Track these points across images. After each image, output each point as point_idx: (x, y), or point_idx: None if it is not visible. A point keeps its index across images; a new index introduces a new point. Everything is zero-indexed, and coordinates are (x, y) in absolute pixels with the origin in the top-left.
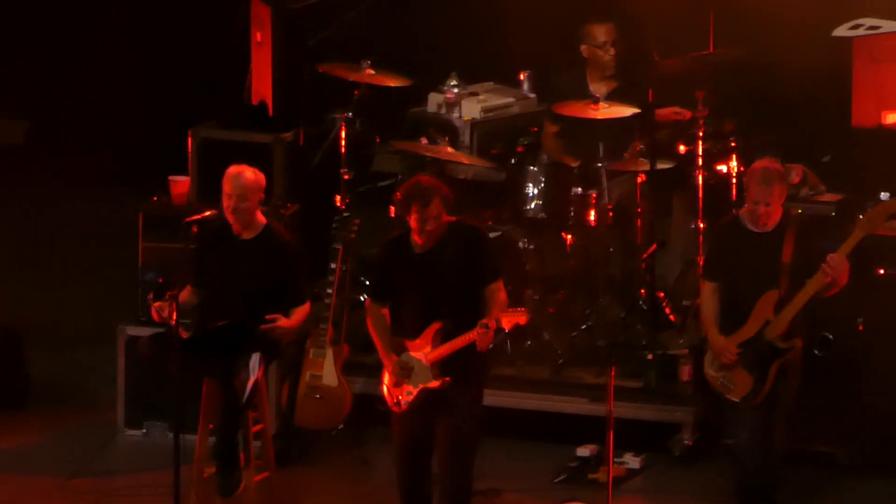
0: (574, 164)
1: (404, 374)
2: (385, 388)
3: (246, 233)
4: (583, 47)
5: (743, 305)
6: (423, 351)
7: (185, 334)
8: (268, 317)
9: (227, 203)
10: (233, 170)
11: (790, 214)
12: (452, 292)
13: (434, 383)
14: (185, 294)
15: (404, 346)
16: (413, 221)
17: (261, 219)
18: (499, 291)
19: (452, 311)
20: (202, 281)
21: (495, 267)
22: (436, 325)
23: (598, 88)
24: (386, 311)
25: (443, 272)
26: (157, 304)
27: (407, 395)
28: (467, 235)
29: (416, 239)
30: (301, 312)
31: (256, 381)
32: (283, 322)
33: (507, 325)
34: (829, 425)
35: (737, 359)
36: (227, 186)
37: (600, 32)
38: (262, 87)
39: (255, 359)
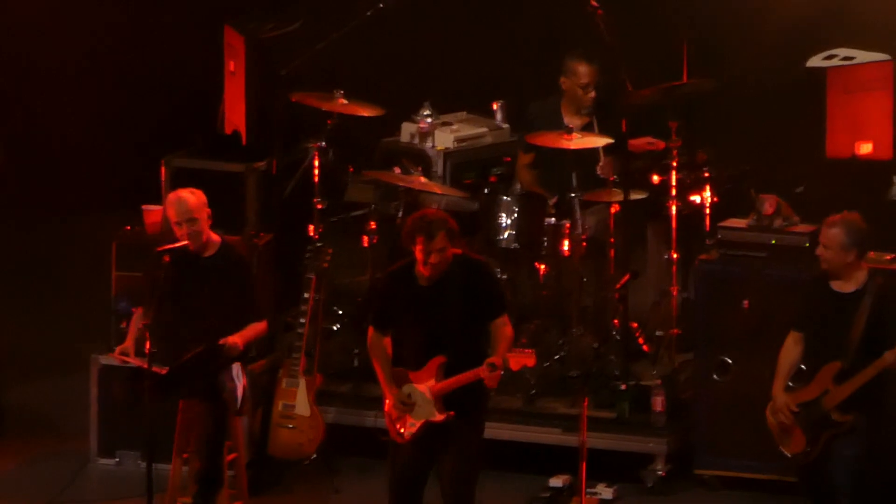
0: (550, 199)
1: (406, 406)
2: (387, 419)
3: (205, 251)
4: (563, 80)
5: (811, 365)
6: (426, 384)
7: (159, 369)
8: (220, 341)
9: (177, 232)
10: (171, 198)
11: (873, 279)
12: (456, 326)
13: (438, 417)
14: (150, 324)
15: (406, 377)
16: (418, 253)
17: (214, 237)
18: (505, 326)
19: (455, 345)
20: (166, 305)
21: (500, 301)
22: (440, 359)
23: (573, 121)
24: (388, 340)
25: (447, 305)
26: (119, 348)
27: (410, 426)
28: (472, 269)
29: (420, 270)
30: (256, 328)
31: (245, 388)
32: (231, 338)
33: (514, 366)
34: None
35: (793, 419)
36: (172, 215)
37: (584, 73)
38: (235, 116)
39: (236, 368)
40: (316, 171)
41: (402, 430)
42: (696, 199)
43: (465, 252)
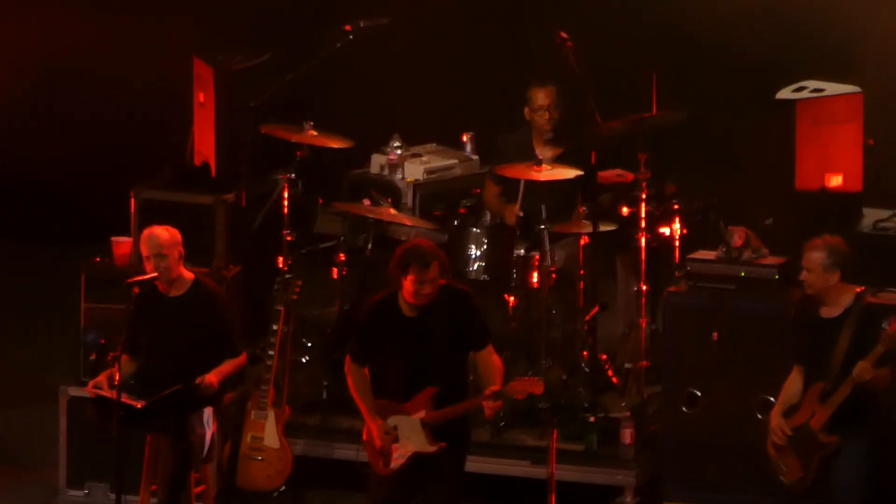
0: (519, 214)
1: (392, 438)
2: (368, 450)
3: (173, 290)
4: (526, 110)
5: (805, 389)
6: (416, 414)
7: (134, 402)
8: (196, 381)
9: (147, 266)
10: (145, 233)
11: (861, 303)
12: (443, 356)
13: (431, 448)
14: (122, 364)
15: (392, 408)
16: (409, 283)
17: (187, 275)
18: (491, 355)
19: (441, 376)
20: (138, 346)
21: (485, 331)
22: (431, 390)
23: (543, 152)
24: (366, 371)
25: (433, 336)
26: (93, 382)
27: (398, 458)
28: (456, 299)
29: (406, 300)
30: (232, 364)
31: (213, 435)
32: (207, 377)
33: (520, 395)
34: (770, 488)
35: (786, 442)
36: (143, 250)
37: (539, 96)
38: (204, 147)
39: (207, 413)
40: (285, 203)
41: (388, 462)
42: (666, 230)
43: (449, 282)
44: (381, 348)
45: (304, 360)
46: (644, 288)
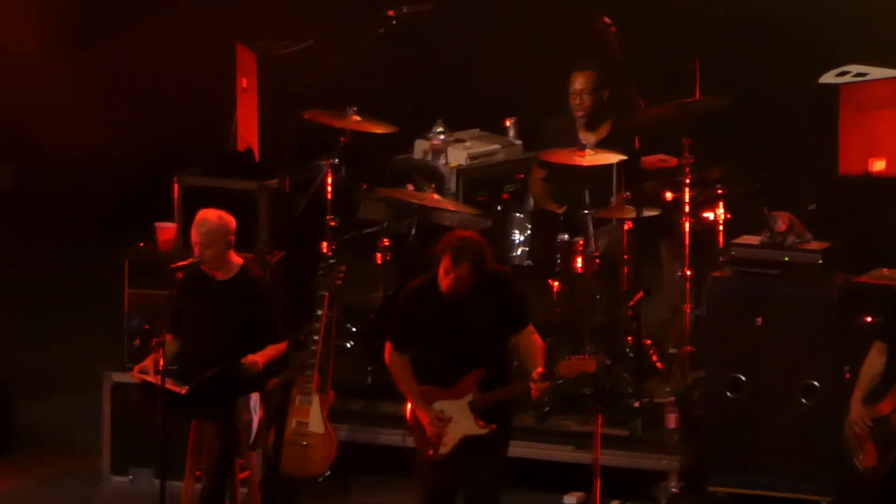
0: (559, 211)
1: (443, 424)
2: (416, 436)
3: (220, 273)
4: (569, 96)
5: (889, 379)
6: (464, 398)
7: (178, 388)
8: (241, 360)
9: (195, 250)
10: (197, 217)
11: None
12: (483, 339)
13: (482, 431)
14: (167, 344)
15: (438, 394)
16: (441, 270)
17: (236, 260)
18: (532, 335)
19: (485, 358)
20: (182, 327)
21: (525, 311)
22: (478, 373)
23: (587, 137)
24: (407, 357)
25: (473, 318)
26: (138, 366)
27: (447, 443)
28: (495, 280)
29: (443, 284)
30: (274, 349)
31: (260, 421)
32: (251, 356)
33: (570, 373)
34: (814, 474)
35: (867, 432)
36: (193, 234)
37: (576, 81)
38: (247, 133)
39: (254, 399)
40: (329, 189)
41: (438, 447)
42: (709, 216)
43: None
44: (421, 333)
45: (348, 346)
46: (688, 273)
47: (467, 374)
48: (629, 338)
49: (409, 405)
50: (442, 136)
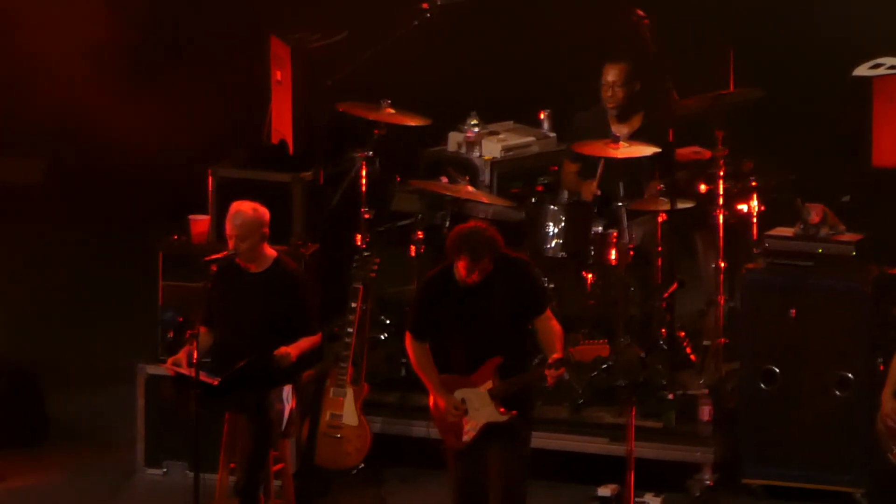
0: (595, 190)
1: (462, 412)
2: (439, 427)
3: (254, 266)
4: (601, 86)
5: None
6: (484, 386)
7: (212, 380)
8: (275, 352)
9: (229, 243)
10: (231, 209)
11: None
12: (503, 326)
13: (503, 418)
14: (200, 336)
15: (458, 382)
16: (461, 267)
17: (270, 252)
18: (550, 321)
19: (503, 345)
20: (216, 319)
21: (543, 297)
22: (497, 360)
23: (619, 129)
24: (427, 346)
25: (491, 306)
26: (171, 360)
27: (469, 431)
28: (511, 266)
29: (461, 274)
30: (308, 342)
31: (292, 411)
32: (284, 348)
33: (587, 357)
34: (848, 466)
35: None
36: (227, 226)
37: (609, 72)
38: (281, 125)
39: (287, 390)
40: (363, 181)
41: (461, 436)
42: (743, 208)
43: (504, 251)
44: (439, 322)
45: (382, 338)
46: (722, 265)
47: (486, 362)
48: (663, 330)
49: (431, 395)
50: (476, 129)
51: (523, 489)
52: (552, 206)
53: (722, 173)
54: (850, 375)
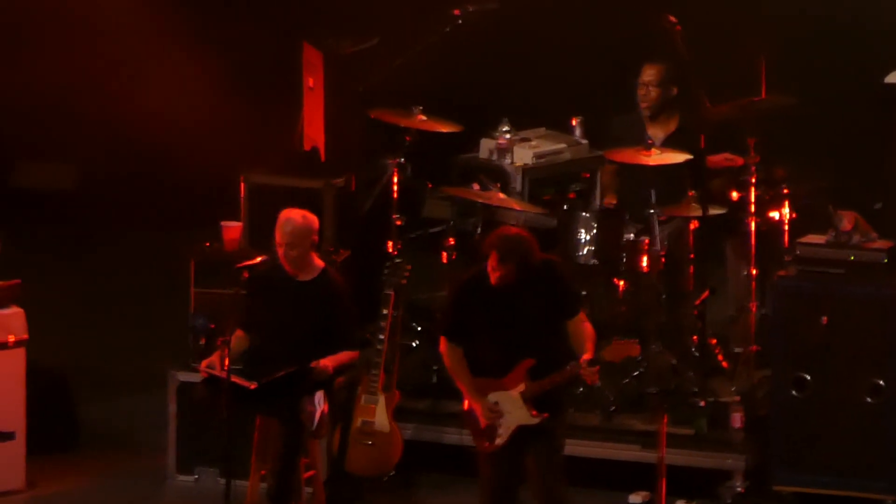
0: (614, 202)
1: (496, 415)
2: (471, 430)
3: (302, 274)
4: (637, 86)
5: None
6: (516, 389)
7: (247, 383)
8: (311, 364)
9: (279, 251)
10: (281, 217)
11: None
12: (536, 328)
13: (535, 419)
14: (235, 340)
15: (491, 385)
16: (489, 266)
17: (318, 262)
18: (583, 322)
19: (535, 347)
20: (256, 324)
21: (576, 299)
22: (528, 362)
23: (655, 131)
24: (461, 350)
25: (524, 308)
26: (205, 362)
27: (501, 434)
28: (545, 269)
29: (492, 277)
30: (347, 355)
31: (323, 413)
32: (322, 361)
33: (617, 357)
34: (879, 472)
35: None
36: (277, 234)
37: (647, 73)
38: (313, 132)
39: (318, 395)
40: (394, 188)
41: (493, 440)
42: (775, 215)
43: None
44: (473, 324)
45: (413, 345)
46: (754, 272)
47: (518, 365)
48: (694, 337)
49: (465, 399)
50: (508, 135)
51: (565, 489)
52: (584, 213)
53: (754, 180)
54: (881, 382)
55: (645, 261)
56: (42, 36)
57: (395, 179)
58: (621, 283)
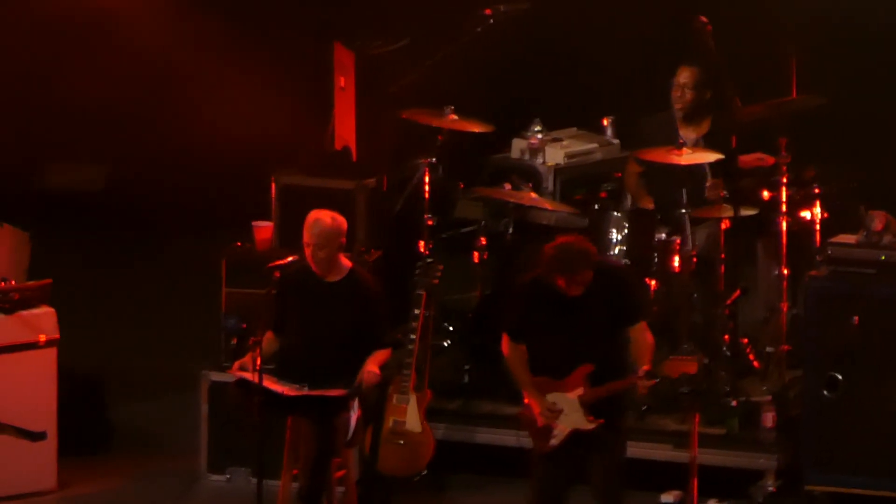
0: (651, 207)
1: (553, 415)
2: (529, 429)
3: (330, 275)
4: (671, 87)
5: None
6: (574, 392)
7: (279, 387)
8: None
9: (306, 251)
10: (310, 217)
11: None
12: (599, 334)
13: (589, 425)
14: (266, 342)
15: (549, 385)
16: (560, 283)
17: (346, 262)
18: (644, 332)
19: (597, 353)
20: (287, 326)
21: (640, 307)
22: (587, 368)
23: (687, 133)
24: (524, 348)
25: (587, 313)
26: (237, 364)
27: (556, 435)
28: (611, 275)
29: (563, 287)
30: (383, 354)
31: (358, 419)
32: (366, 376)
33: (675, 372)
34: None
35: None
36: (305, 235)
37: (682, 74)
38: (345, 132)
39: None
40: (426, 188)
41: (548, 440)
42: (806, 215)
43: (603, 259)
44: (536, 325)
45: (445, 345)
46: (785, 272)
47: (578, 369)
48: (726, 337)
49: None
50: (539, 135)
51: (622, 497)
52: (615, 213)
53: (785, 180)
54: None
55: (676, 261)
56: (76, 38)
57: (427, 179)
58: (653, 282)
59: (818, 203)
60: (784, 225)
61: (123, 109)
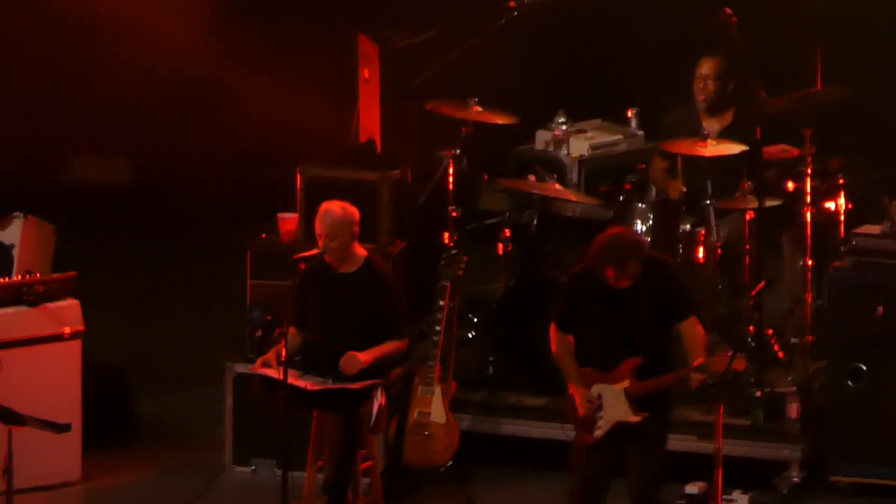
0: (683, 189)
1: (594, 407)
2: (572, 419)
3: (345, 266)
4: (694, 79)
5: None
6: (620, 384)
7: (302, 382)
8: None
9: (319, 242)
10: (321, 208)
11: None
12: (646, 327)
13: (634, 418)
14: (290, 337)
15: (595, 377)
16: (609, 276)
17: (360, 252)
18: (695, 326)
19: (644, 346)
20: (306, 319)
21: (690, 302)
22: (635, 361)
23: (710, 124)
24: (571, 338)
25: (637, 308)
26: (261, 359)
27: (600, 427)
28: (660, 270)
29: (612, 281)
30: (392, 345)
31: (381, 407)
32: (359, 354)
33: (721, 368)
34: None
35: None
36: (317, 226)
37: (704, 65)
38: (369, 124)
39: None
40: (450, 179)
41: (591, 431)
42: (831, 206)
43: (653, 253)
44: (583, 316)
45: (470, 336)
46: (810, 263)
47: (625, 361)
48: (751, 328)
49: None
50: (564, 127)
51: (658, 492)
52: (640, 205)
53: (809, 171)
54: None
55: (701, 252)
56: (105, 33)
57: (451, 171)
58: None
59: (843, 194)
60: (809, 216)
61: (150, 103)
